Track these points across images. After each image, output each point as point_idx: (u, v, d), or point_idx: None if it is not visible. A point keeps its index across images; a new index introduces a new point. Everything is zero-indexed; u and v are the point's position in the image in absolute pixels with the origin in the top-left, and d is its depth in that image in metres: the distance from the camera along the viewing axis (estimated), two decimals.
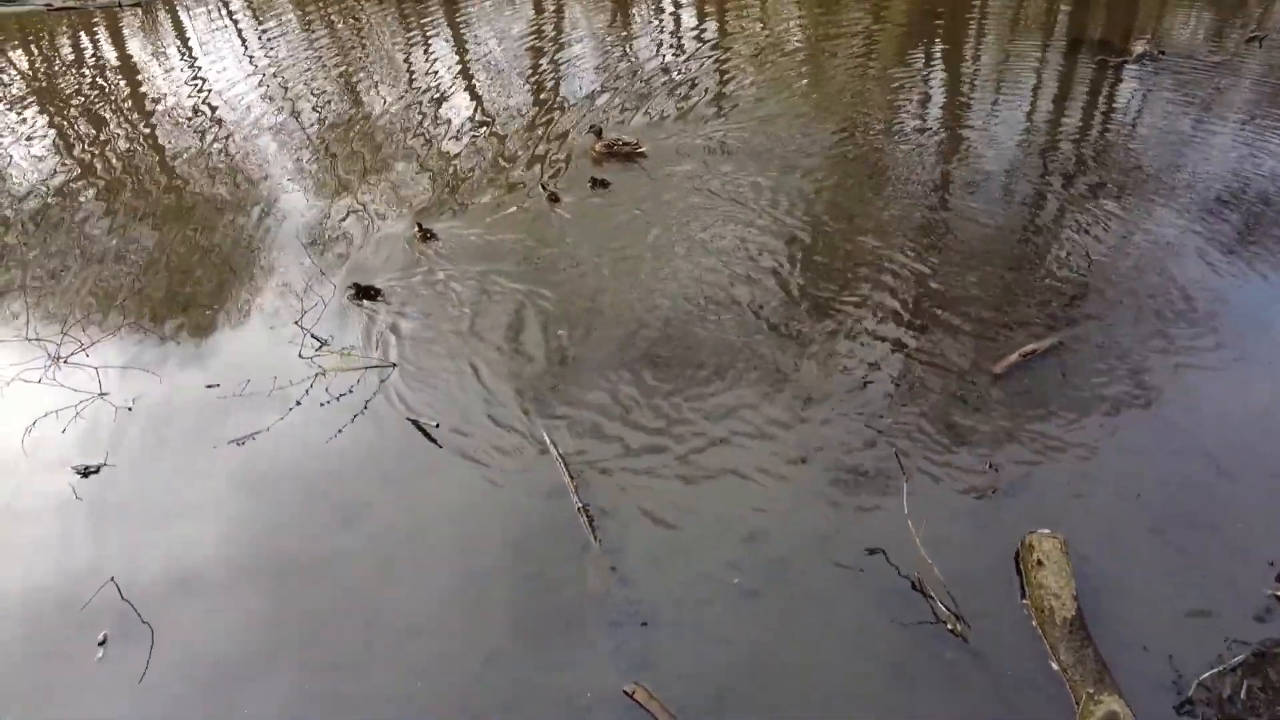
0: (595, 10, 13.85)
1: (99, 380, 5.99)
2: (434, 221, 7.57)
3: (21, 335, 6.51)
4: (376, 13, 14.53)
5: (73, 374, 6.09)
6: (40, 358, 6.24)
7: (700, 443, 5.19)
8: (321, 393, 5.71)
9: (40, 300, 7.00)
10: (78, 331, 6.52)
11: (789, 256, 6.88)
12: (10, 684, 4.19)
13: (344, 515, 4.91)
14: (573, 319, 6.28)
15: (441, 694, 4.02)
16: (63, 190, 8.94)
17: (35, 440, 5.57)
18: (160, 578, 4.64)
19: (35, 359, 6.24)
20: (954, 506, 4.71)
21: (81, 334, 6.49)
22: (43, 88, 12.18)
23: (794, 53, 11.50)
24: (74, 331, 6.52)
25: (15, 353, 6.32)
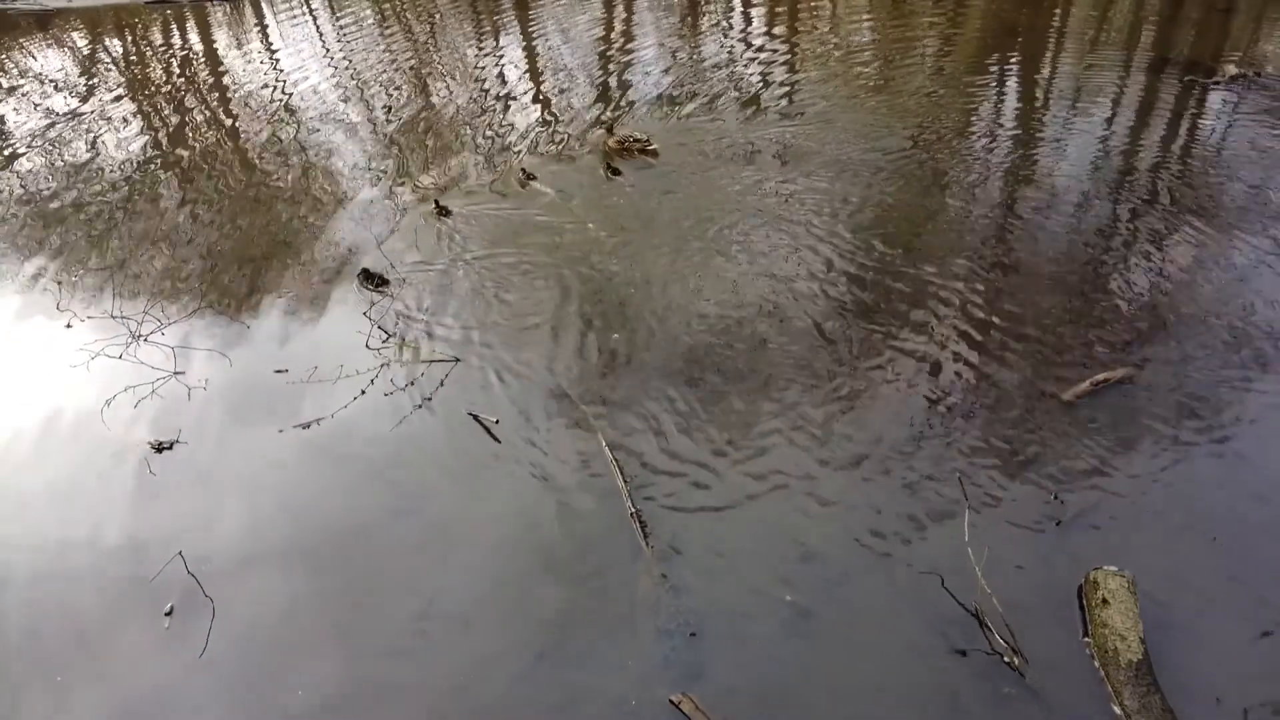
0: (664, 12, 13.89)
1: (174, 359, 6.23)
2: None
3: (107, 312, 6.81)
4: (450, 9, 14.81)
5: (151, 352, 6.34)
6: (122, 334, 6.52)
7: (753, 456, 5.16)
8: (386, 383, 5.84)
9: (125, 279, 7.31)
10: (157, 311, 6.80)
11: (845, 264, 6.79)
12: (82, 647, 4.36)
13: (404, 504, 5.01)
14: (627, 321, 6.30)
15: (492, 688, 4.06)
16: (146, 175, 9.33)
17: (114, 414, 5.81)
18: (224, 554, 4.79)
19: (118, 335, 6.52)
20: (1015, 536, 4.59)
21: (160, 314, 6.76)
22: (133, 77, 12.74)
23: (862, 61, 11.36)
24: (154, 311, 6.80)
25: (100, 329, 6.61)
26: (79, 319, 6.78)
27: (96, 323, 6.70)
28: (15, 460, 5.53)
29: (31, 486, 5.31)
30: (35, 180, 9.45)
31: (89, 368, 6.22)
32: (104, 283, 7.29)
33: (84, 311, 6.88)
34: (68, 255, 7.81)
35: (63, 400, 5.96)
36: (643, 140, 8.75)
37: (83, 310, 6.90)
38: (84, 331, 6.65)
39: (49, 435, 5.70)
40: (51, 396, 6.01)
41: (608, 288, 6.71)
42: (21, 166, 9.86)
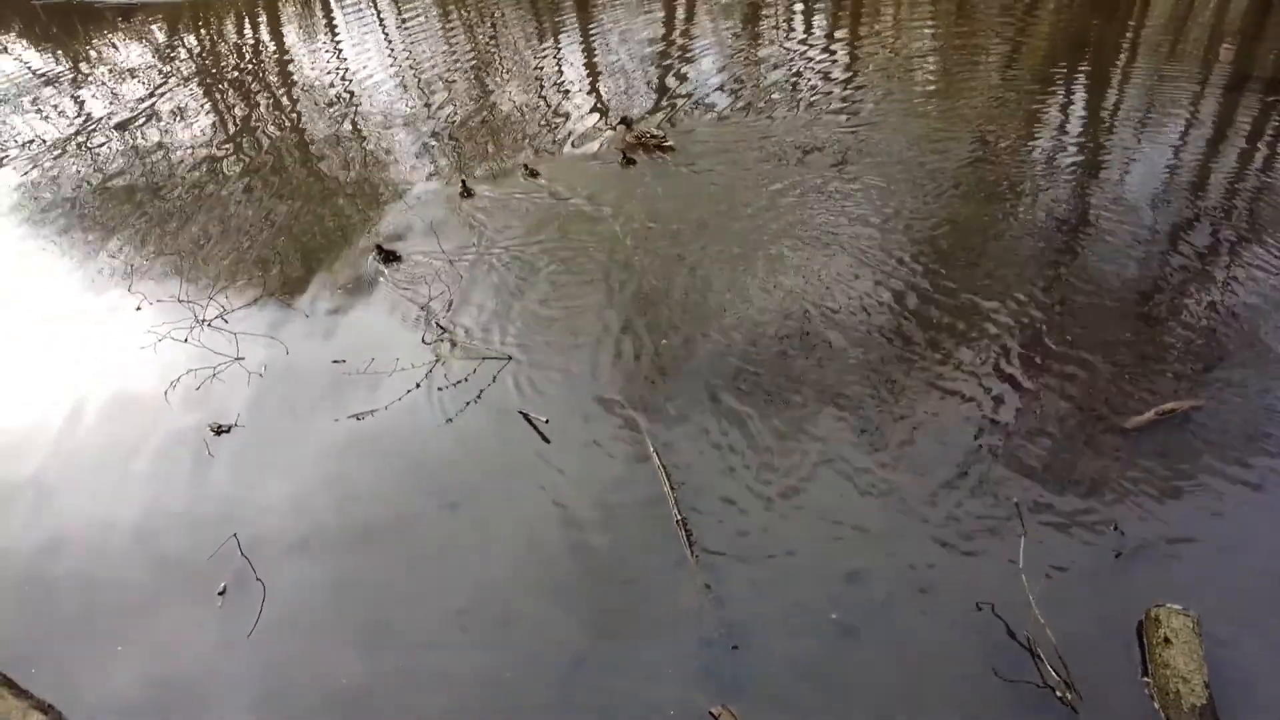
0: (724, 17, 13.83)
1: (236, 344, 6.41)
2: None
3: (174, 296, 7.04)
4: (512, 10, 14.97)
5: (214, 337, 6.53)
6: (188, 319, 6.73)
7: (801, 471, 5.09)
8: (440, 378, 5.92)
9: (192, 265, 7.55)
10: (221, 297, 7.00)
11: (895, 277, 6.67)
12: (140, 621, 4.51)
13: (451, 499, 5.07)
14: (675, 323, 6.28)
15: (530, 688, 4.09)
16: (213, 164, 9.62)
17: (177, 395, 6.00)
18: (276, 539, 4.92)
19: (183, 319, 6.73)
20: (1073, 566, 4.45)
21: (224, 300, 6.97)
22: (205, 67, 13.16)
23: (922, 67, 11.14)
24: (218, 297, 7.00)
25: (168, 312, 6.84)
26: (148, 301, 7.03)
27: (164, 306, 6.93)
28: (84, 435, 5.75)
29: (98, 461, 5.52)
30: (112, 166, 9.83)
31: (156, 349, 6.43)
32: (172, 268, 7.54)
33: (153, 294, 7.12)
34: (140, 239, 8.10)
35: (130, 379, 6.19)
36: (659, 136, 8.96)
37: (152, 293, 7.15)
38: (152, 314, 6.88)
39: (117, 412, 5.92)
40: (120, 375, 6.25)
41: (652, 287, 6.70)
42: (100, 153, 10.25)
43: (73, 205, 8.96)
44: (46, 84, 12.98)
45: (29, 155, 10.37)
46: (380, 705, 4.07)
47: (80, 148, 10.46)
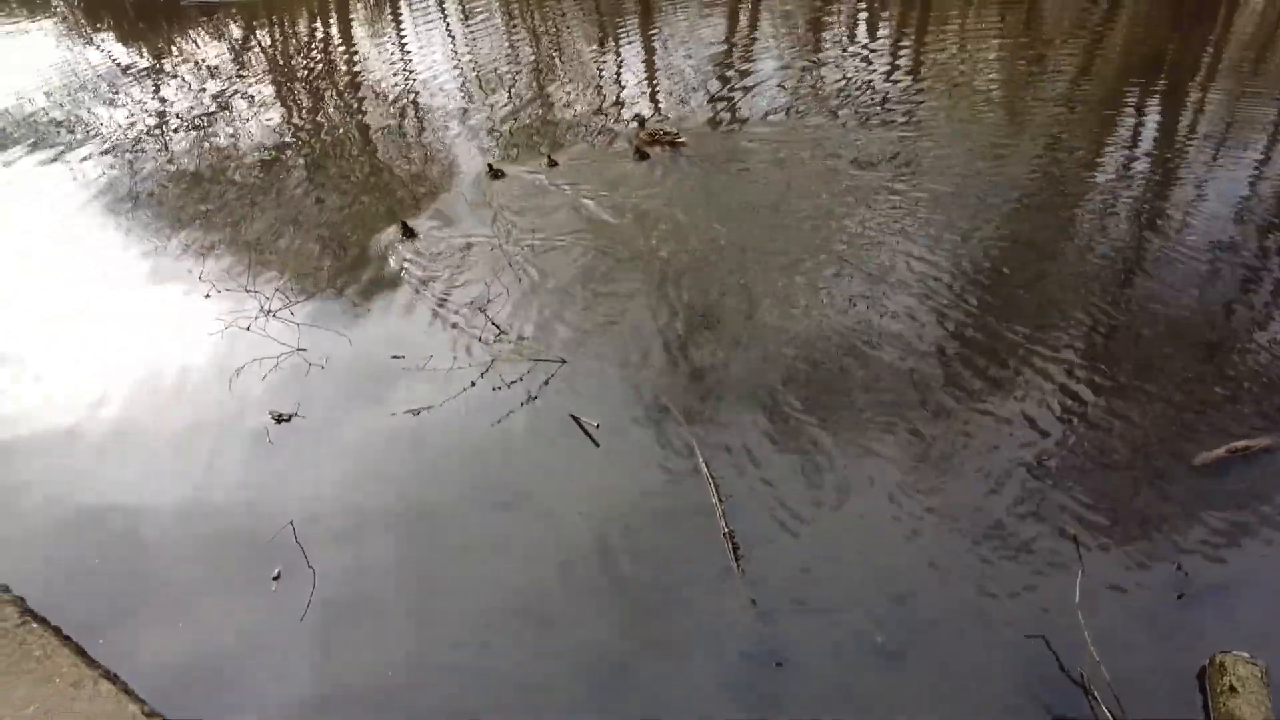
0: (786, 24, 13.77)
1: (299, 335, 6.59)
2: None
3: (242, 286, 7.29)
4: (575, 13, 15.13)
5: (278, 327, 6.73)
6: (254, 309, 6.95)
7: (853, 489, 5.03)
8: (495, 378, 6.01)
9: (260, 256, 7.80)
10: (287, 288, 7.23)
11: (953, 293, 6.55)
12: (200, 599, 4.66)
13: (501, 498, 5.14)
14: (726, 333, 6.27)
15: (570, 691, 4.12)
16: (283, 158, 9.93)
17: (241, 382, 6.20)
18: (329, 527, 5.04)
19: (249, 309, 6.96)
20: (1132, 604, 4.31)
21: (289, 291, 7.18)
22: (277, 64, 13.59)
23: (988, 80, 10.93)
24: (284, 288, 7.23)
25: (235, 301, 7.08)
26: (217, 290, 7.28)
27: (232, 295, 7.18)
28: (150, 415, 5.97)
29: (163, 442, 5.72)
30: (185, 156, 10.21)
31: (222, 336, 6.66)
32: (240, 258, 7.80)
33: (221, 283, 7.38)
34: (210, 229, 8.39)
35: (197, 364, 6.42)
36: (672, 134, 9.31)
37: (220, 282, 7.40)
38: (221, 302, 7.13)
39: (183, 395, 6.14)
40: (188, 360, 6.48)
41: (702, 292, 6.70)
42: (174, 143, 10.66)
43: (148, 193, 9.33)
44: (129, 76, 13.55)
45: (109, 143, 10.83)
46: (420, 699, 4.13)
47: (156, 138, 10.90)
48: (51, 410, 6.05)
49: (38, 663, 3.93)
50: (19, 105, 12.42)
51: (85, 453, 5.68)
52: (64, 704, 3.73)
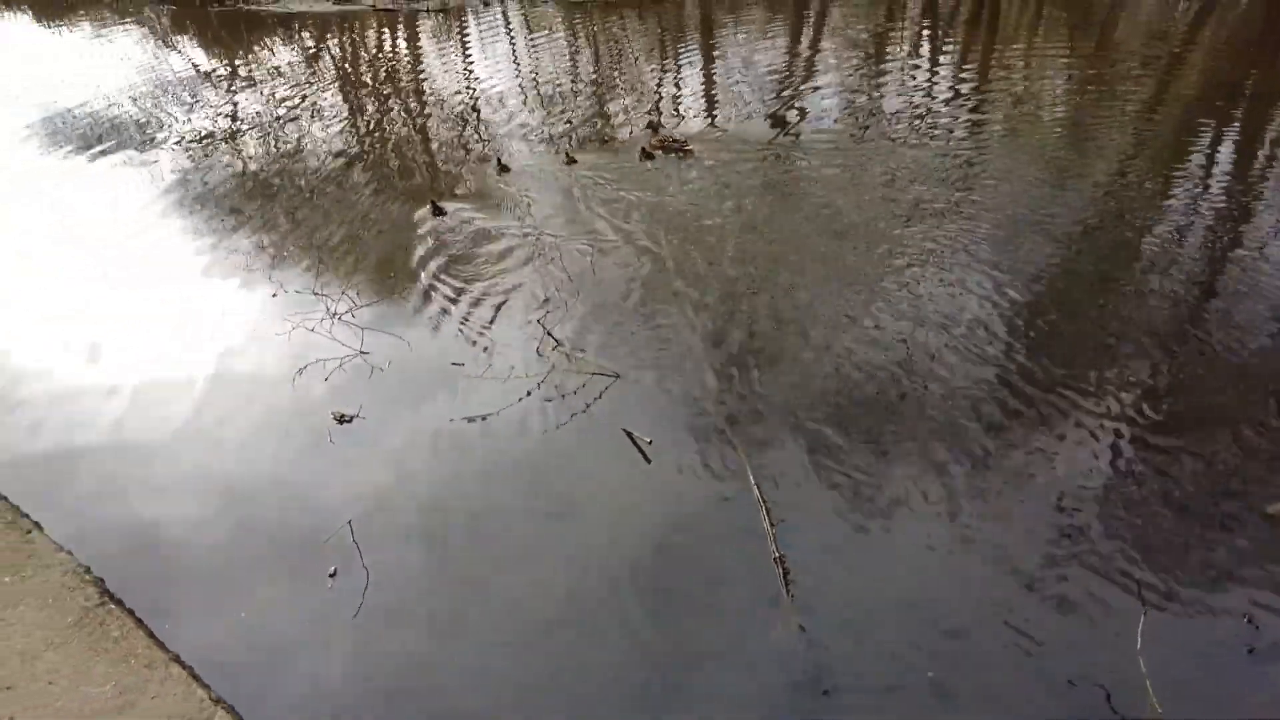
0: (848, 48, 13.75)
1: (362, 338, 6.79)
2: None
3: (309, 287, 7.54)
4: (637, 32, 15.33)
5: (343, 329, 6.94)
6: (320, 311, 7.18)
7: (906, 518, 4.98)
8: (550, 389, 6.11)
9: (327, 259, 8.06)
10: (353, 292, 7.45)
11: (1013, 321, 6.45)
12: (255, 592, 4.80)
13: (552, 508, 5.21)
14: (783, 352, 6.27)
15: (611, 706, 4.13)
16: (348, 163, 10.25)
17: (304, 382, 6.40)
18: (385, 529, 5.15)
19: (316, 311, 7.19)
20: (1198, 655, 4.18)
21: (355, 295, 7.40)
22: (346, 71, 14.04)
23: (1052, 108, 10.76)
24: (350, 291, 7.45)
25: (303, 303, 7.32)
26: (285, 290, 7.54)
27: (299, 296, 7.43)
28: (220, 412, 6.19)
29: (231, 439, 5.93)
30: (256, 159, 10.62)
31: (289, 337, 6.89)
32: (309, 260, 8.07)
33: (290, 284, 7.64)
34: (280, 231, 8.71)
35: (265, 364, 6.64)
36: (680, 141, 10.10)
37: (289, 283, 7.67)
38: (288, 302, 7.38)
39: (249, 392, 6.35)
40: (256, 358, 6.71)
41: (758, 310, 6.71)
42: (246, 146, 11.09)
43: (220, 194, 9.71)
44: (207, 81, 14.14)
45: (185, 145, 11.32)
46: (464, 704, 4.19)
47: (230, 141, 11.35)
48: (124, 403, 6.32)
49: (115, 643, 4.11)
50: (106, 106, 13.05)
51: (157, 445, 5.91)
52: (138, 684, 3.90)
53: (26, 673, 3.96)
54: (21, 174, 10.74)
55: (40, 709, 3.81)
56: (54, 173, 10.69)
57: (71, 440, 5.94)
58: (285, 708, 4.16)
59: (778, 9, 16.14)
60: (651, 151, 9.85)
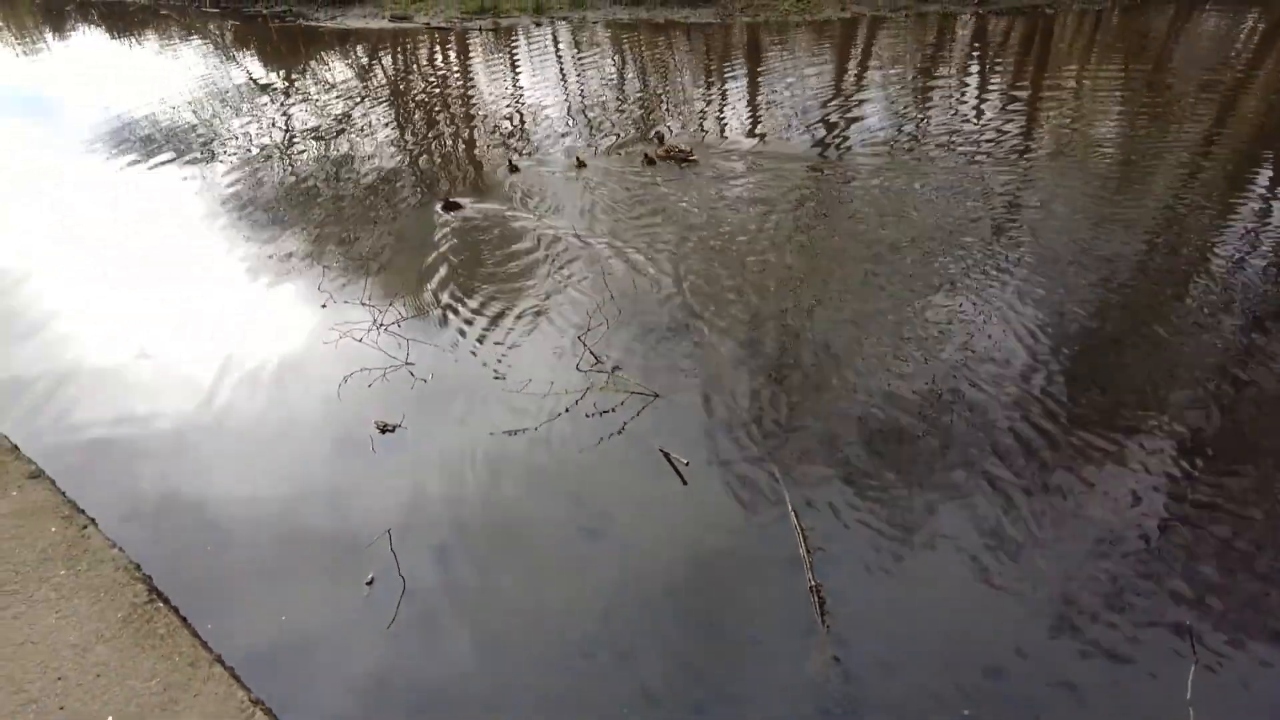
0: (894, 73, 13.70)
1: (408, 350, 6.92)
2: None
3: (357, 299, 7.71)
4: (684, 54, 15.47)
5: (389, 340, 7.08)
6: (367, 321, 7.34)
7: (946, 552, 4.91)
8: (589, 405, 6.16)
9: (376, 271, 8.24)
10: (399, 304, 7.61)
11: (1058, 359, 6.33)
12: (295, 596, 4.88)
13: (587, 525, 5.24)
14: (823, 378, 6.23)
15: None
16: (397, 176, 10.48)
17: (349, 390, 6.53)
18: (422, 540, 5.21)
19: (363, 322, 7.35)
20: (1253, 709, 4.03)
21: (401, 307, 7.55)
22: (398, 86, 14.39)
23: (1103, 145, 10.56)
24: (396, 303, 7.61)
25: (351, 313, 7.49)
26: (334, 300, 7.72)
27: (347, 307, 7.60)
28: (267, 418, 6.34)
29: (277, 444, 6.06)
30: (308, 171, 10.91)
31: (336, 346, 7.04)
32: (357, 271, 8.25)
33: (339, 295, 7.83)
34: (330, 242, 8.92)
35: (311, 371, 6.79)
36: (685, 150, 10.58)
37: (338, 293, 7.85)
38: (336, 312, 7.55)
39: (296, 398, 6.50)
40: (303, 365, 6.87)
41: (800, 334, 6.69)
42: (298, 158, 11.42)
43: (273, 203, 10.00)
44: (265, 93, 14.60)
45: (241, 154, 11.69)
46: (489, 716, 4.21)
47: (283, 152, 11.69)
48: (176, 406, 6.51)
49: (161, 640, 4.22)
50: (168, 116, 13.55)
51: (206, 447, 6.07)
52: (182, 681, 4.00)
53: (78, 664, 4.09)
54: (86, 179, 11.19)
55: (89, 700, 3.92)
56: (116, 179, 11.12)
57: (125, 439, 6.14)
58: (319, 714, 4.22)
59: (824, 34, 16.18)
60: (654, 159, 10.48)
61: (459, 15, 18.74)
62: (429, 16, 18.84)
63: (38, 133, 13.47)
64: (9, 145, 12.86)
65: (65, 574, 4.64)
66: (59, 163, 11.92)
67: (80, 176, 11.32)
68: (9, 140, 13.14)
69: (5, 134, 13.44)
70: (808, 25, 16.81)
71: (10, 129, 13.67)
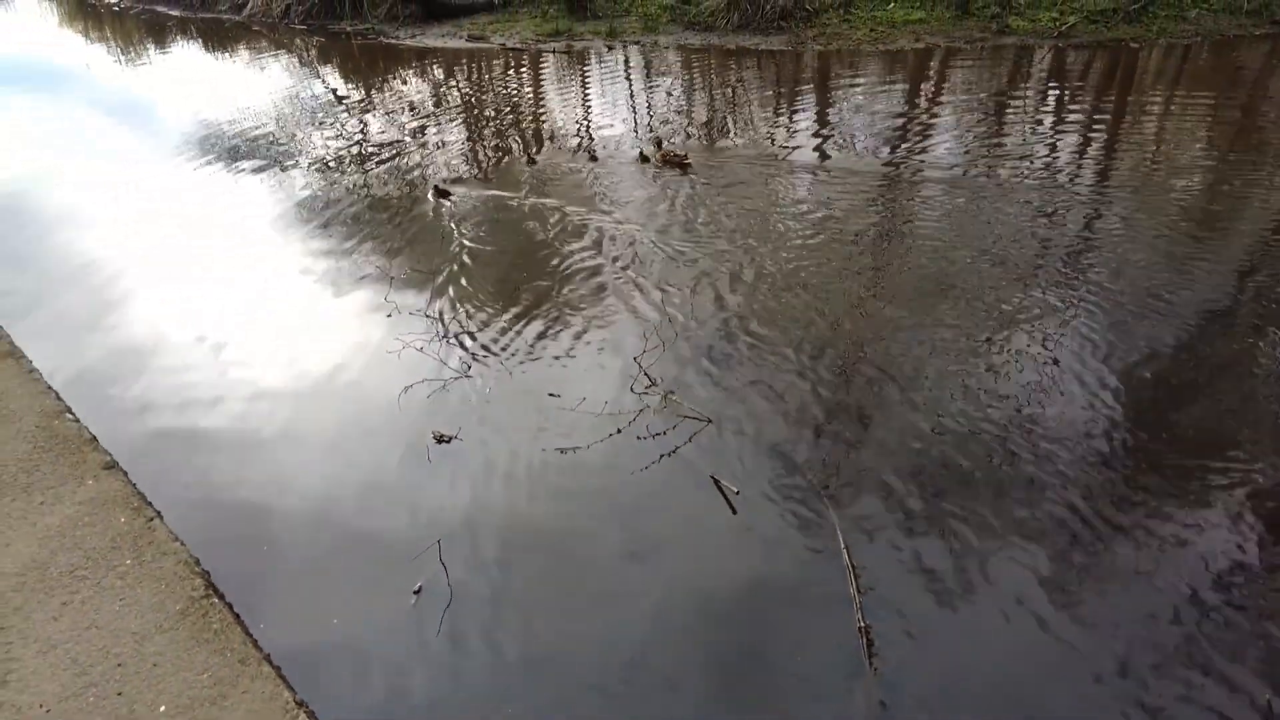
0: (967, 103, 13.44)
1: (469, 362, 7.03)
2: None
3: (422, 310, 7.89)
4: (753, 77, 15.49)
5: (450, 352, 7.21)
6: (430, 332, 7.49)
7: (1002, 602, 4.71)
8: (641, 427, 6.14)
9: (442, 283, 8.42)
10: (463, 316, 7.75)
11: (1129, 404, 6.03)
12: (343, 600, 4.97)
13: (633, 548, 5.20)
14: (884, 412, 6.09)
15: None
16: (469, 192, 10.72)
17: (409, 400, 6.66)
18: (471, 552, 5.26)
19: (426, 332, 7.51)
20: None
21: (464, 319, 7.70)
22: (470, 104, 14.76)
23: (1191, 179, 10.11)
24: (460, 316, 7.75)
25: (415, 323, 7.67)
26: (399, 311, 7.92)
27: (412, 317, 7.78)
28: (328, 421, 6.51)
29: (335, 447, 6.22)
30: (382, 182, 11.25)
31: (399, 356, 7.20)
32: (424, 282, 8.45)
33: (405, 305, 8.02)
34: (400, 253, 9.16)
35: (374, 378, 6.96)
36: (681, 155, 11.15)
37: (404, 303, 8.05)
38: (401, 322, 7.74)
39: (358, 406, 6.67)
40: (367, 373, 7.05)
41: (859, 367, 6.55)
42: (375, 170, 11.78)
43: (346, 213, 10.33)
44: (343, 107, 15.16)
45: (318, 164, 12.14)
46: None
47: (358, 162, 12.09)
48: (242, 407, 6.75)
49: (215, 635, 4.33)
50: (253, 126, 14.19)
51: (267, 447, 6.27)
52: (231, 677, 4.09)
53: (136, 652, 4.23)
54: (172, 182, 11.78)
55: (145, 688, 4.05)
56: (200, 181, 11.68)
57: (191, 436, 6.38)
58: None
59: (897, 64, 16.01)
60: (648, 157, 11.28)
61: (534, 37, 19.19)
62: (505, 38, 19.35)
63: (134, 137, 14.26)
64: (108, 147, 13.62)
65: (131, 563, 4.82)
66: (149, 164, 12.60)
67: (167, 179, 11.93)
68: (108, 142, 13.92)
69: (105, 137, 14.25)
70: (880, 54, 16.66)
71: (111, 133, 14.49)
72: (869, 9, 18.72)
